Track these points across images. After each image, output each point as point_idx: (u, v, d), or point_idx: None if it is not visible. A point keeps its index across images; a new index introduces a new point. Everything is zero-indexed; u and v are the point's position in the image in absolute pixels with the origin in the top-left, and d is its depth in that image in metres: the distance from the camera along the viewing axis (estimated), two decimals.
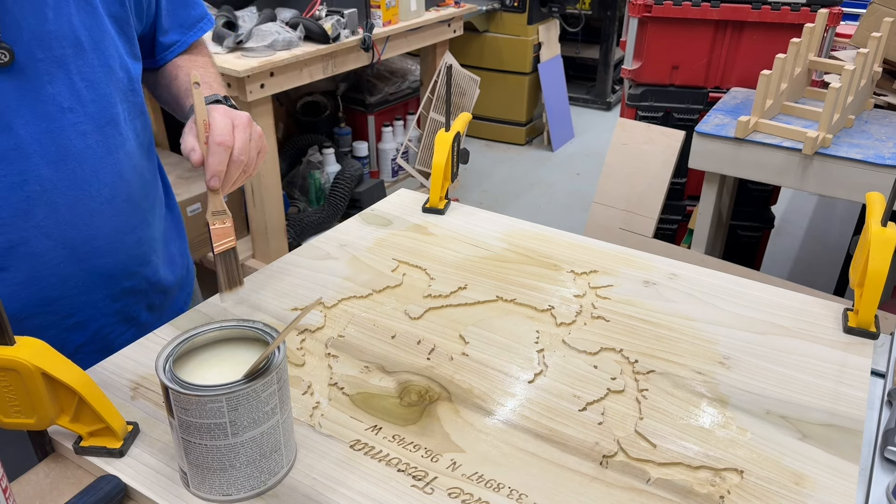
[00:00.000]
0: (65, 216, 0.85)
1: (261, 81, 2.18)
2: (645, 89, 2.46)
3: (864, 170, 1.78)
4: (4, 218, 0.81)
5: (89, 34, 0.85)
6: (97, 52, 0.86)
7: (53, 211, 0.84)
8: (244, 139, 0.84)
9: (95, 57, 0.86)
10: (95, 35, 0.86)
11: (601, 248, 1.06)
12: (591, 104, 5.01)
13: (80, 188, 0.86)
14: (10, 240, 0.82)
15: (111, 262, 0.92)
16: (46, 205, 0.83)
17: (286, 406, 0.64)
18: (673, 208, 2.55)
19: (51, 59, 0.81)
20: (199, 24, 1.07)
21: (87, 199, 0.87)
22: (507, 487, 0.65)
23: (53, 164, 0.83)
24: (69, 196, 0.85)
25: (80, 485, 0.66)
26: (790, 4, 2.22)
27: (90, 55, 0.85)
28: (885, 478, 0.70)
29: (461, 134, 1.14)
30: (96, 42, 0.86)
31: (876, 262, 0.82)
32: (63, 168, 0.84)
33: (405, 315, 0.89)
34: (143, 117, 0.98)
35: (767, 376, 0.80)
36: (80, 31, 0.84)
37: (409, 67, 3.39)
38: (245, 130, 0.84)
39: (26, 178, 0.81)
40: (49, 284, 0.87)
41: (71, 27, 0.83)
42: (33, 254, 0.84)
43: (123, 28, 0.91)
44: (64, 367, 0.64)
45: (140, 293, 0.99)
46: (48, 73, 0.81)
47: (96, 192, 0.88)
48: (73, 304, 0.90)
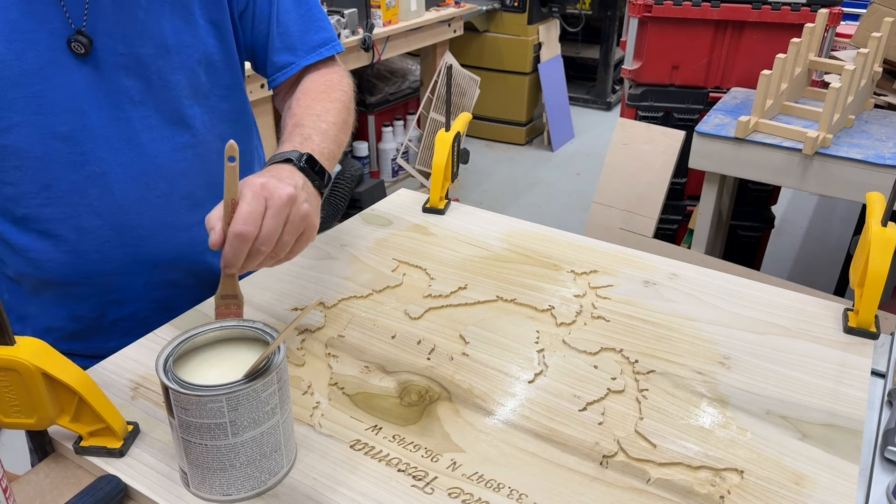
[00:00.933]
0: (118, 200, 0.90)
1: (261, 81, 2.18)
2: (645, 89, 2.46)
3: (865, 170, 1.78)
4: (63, 191, 0.88)
5: (177, 37, 0.89)
6: (181, 55, 0.89)
7: (107, 193, 0.89)
8: (273, 227, 0.71)
9: (178, 59, 0.89)
10: (184, 39, 0.89)
11: (601, 248, 1.06)
12: (592, 104, 5.01)
13: (136, 177, 0.90)
14: (64, 211, 0.89)
15: (156, 252, 0.95)
16: (102, 186, 0.89)
17: (286, 406, 0.64)
18: (673, 208, 2.55)
19: (130, 56, 0.86)
20: (320, 48, 1.02)
21: (141, 189, 0.91)
22: (507, 487, 0.65)
23: (116, 151, 0.88)
24: (124, 182, 0.90)
25: (80, 485, 0.66)
26: (790, 4, 2.22)
27: (173, 57, 0.89)
28: (886, 478, 0.70)
29: (461, 134, 1.14)
30: (183, 45, 0.89)
31: (876, 262, 0.82)
32: (124, 156, 0.89)
33: (405, 315, 0.89)
34: (238, 124, 1.00)
35: (767, 376, 0.80)
36: (168, 34, 0.88)
37: (410, 67, 3.39)
38: (278, 216, 0.71)
39: (88, 158, 0.87)
40: (93, 260, 0.92)
41: (159, 29, 0.87)
42: (82, 228, 0.90)
43: (222, 33, 0.93)
44: (64, 367, 0.64)
45: (184, 287, 0.99)
46: (125, 68, 0.86)
47: (154, 184, 0.92)
48: (114, 283, 0.95)
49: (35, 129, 0.84)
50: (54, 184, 0.87)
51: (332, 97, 0.98)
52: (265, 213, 0.70)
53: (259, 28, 0.98)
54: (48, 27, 0.82)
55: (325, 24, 1.05)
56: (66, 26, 0.82)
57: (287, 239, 0.73)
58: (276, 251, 0.73)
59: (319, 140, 0.88)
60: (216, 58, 0.94)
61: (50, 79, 0.83)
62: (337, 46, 1.05)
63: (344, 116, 0.97)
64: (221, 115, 0.97)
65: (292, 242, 0.74)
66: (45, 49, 0.82)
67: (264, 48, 1.00)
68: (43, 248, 0.91)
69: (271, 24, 0.99)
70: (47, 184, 0.87)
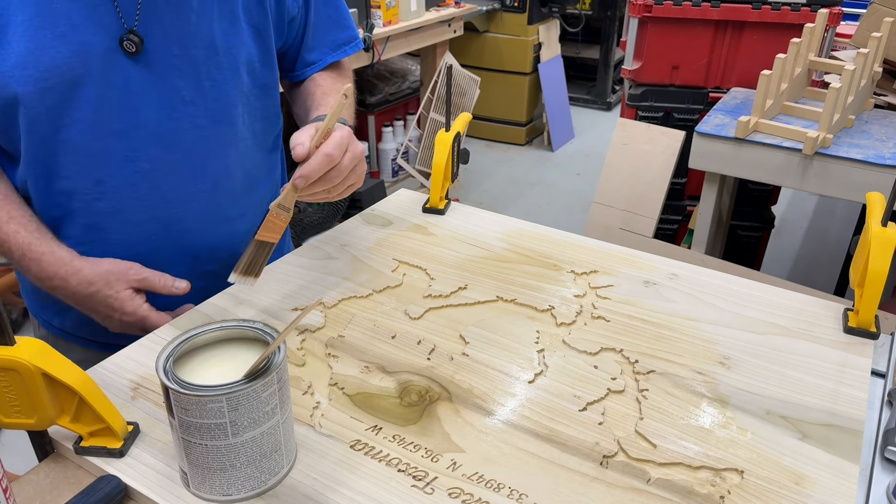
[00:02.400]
0: (165, 195, 0.94)
1: None
2: (645, 89, 2.46)
3: (865, 170, 1.78)
4: (114, 186, 0.91)
5: (225, 39, 0.92)
6: (228, 57, 0.93)
7: (156, 189, 0.93)
8: (348, 164, 0.85)
9: (226, 60, 0.93)
10: (231, 41, 0.93)
11: (601, 248, 1.06)
12: (592, 104, 5.01)
13: (184, 174, 0.94)
14: (114, 205, 0.92)
15: (199, 244, 1.00)
16: (151, 182, 0.92)
17: (286, 406, 0.64)
18: (673, 208, 2.55)
19: (184, 57, 0.90)
20: (345, 46, 1.10)
21: (188, 185, 0.95)
22: (508, 487, 0.65)
23: (166, 148, 0.92)
24: (172, 179, 0.94)
25: (81, 485, 0.66)
26: (790, 4, 2.22)
27: (221, 58, 0.92)
28: (886, 478, 0.70)
29: (461, 134, 1.14)
30: (229, 47, 0.93)
31: (876, 262, 0.82)
32: (173, 153, 0.92)
33: (405, 315, 0.89)
34: (267, 122, 1.04)
35: (767, 376, 0.80)
36: (217, 36, 0.91)
37: (410, 67, 3.39)
38: (353, 159, 0.86)
39: (139, 154, 0.90)
40: (140, 252, 0.95)
41: (209, 31, 0.91)
42: (131, 221, 0.94)
43: (262, 37, 0.98)
44: (64, 367, 0.64)
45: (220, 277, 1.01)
46: (178, 69, 0.90)
47: (200, 180, 0.96)
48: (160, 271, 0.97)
49: (94, 126, 0.87)
50: (107, 179, 0.91)
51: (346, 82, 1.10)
52: (346, 151, 0.84)
53: (297, 31, 1.05)
54: (104, 29, 0.85)
55: (350, 23, 1.12)
56: (119, 26, 0.85)
57: (348, 181, 0.88)
58: (337, 187, 0.87)
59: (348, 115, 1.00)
60: (256, 59, 0.98)
61: (108, 78, 0.86)
62: (359, 44, 1.13)
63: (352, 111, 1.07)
64: (257, 114, 1.02)
65: (346, 186, 0.88)
66: (102, 50, 0.85)
67: (297, 47, 1.07)
68: (92, 241, 0.93)
69: (307, 24, 1.05)
70: (100, 179, 0.90)
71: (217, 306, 0.91)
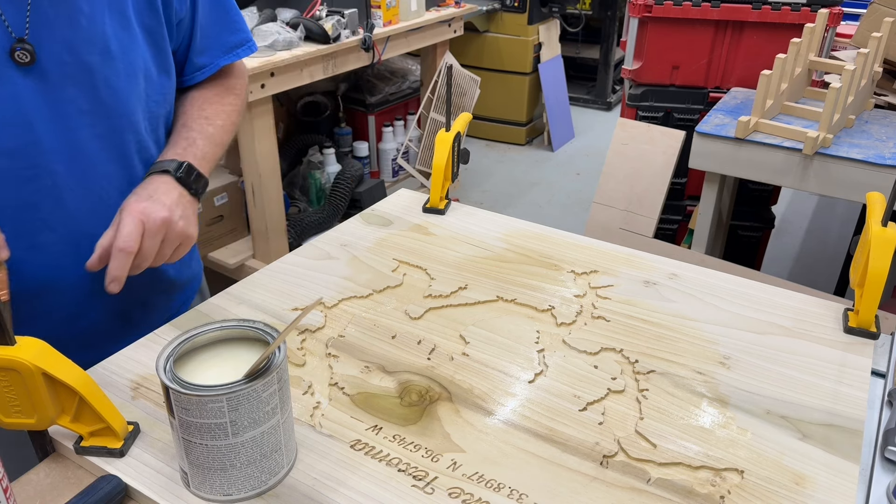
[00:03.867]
0: (71, 212, 0.88)
1: (261, 81, 2.18)
2: (645, 89, 2.46)
3: (865, 170, 1.78)
4: (12, 209, 0.84)
5: (119, 43, 0.87)
6: (124, 62, 0.88)
7: (60, 206, 0.87)
8: (151, 246, 0.82)
9: (122, 66, 0.88)
10: (125, 45, 0.88)
11: (601, 248, 1.06)
12: (592, 104, 5.01)
13: (89, 187, 0.88)
14: (15, 229, 0.84)
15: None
16: (54, 200, 0.86)
17: (287, 406, 0.64)
18: (673, 208, 2.55)
19: (77, 64, 0.84)
20: (237, 49, 1.05)
21: (94, 199, 0.89)
22: (508, 487, 0.65)
23: (66, 162, 0.86)
24: (77, 193, 0.88)
25: (81, 485, 0.66)
26: (790, 4, 2.22)
27: (117, 63, 0.87)
28: (886, 478, 0.70)
29: (461, 134, 1.14)
30: (125, 51, 0.88)
31: (876, 262, 0.82)
32: (75, 167, 0.86)
33: (405, 315, 0.89)
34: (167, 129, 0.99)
35: (767, 376, 0.80)
36: (111, 40, 0.86)
37: (410, 67, 3.39)
38: (155, 237, 0.82)
39: (38, 172, 0.84)
40: (47, 277, 0.88)
41: (103, 35, 0.85)
42: (36, 245, 0.86)
43: (156, 40, 0.93)
44: (64, 367, 0.64)
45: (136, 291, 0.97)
46: (72, 77, 0.84)
47: (106, 193, 0.90)
48: (69, 298, 0.91)
49: None
50: (4, 203, 0.83)
51: (226, 101, 1.04)
52: (143, 234, 0.81)
53: (184, 31, 0.99)
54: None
55: (242, 25, 1.07)
56: (7, 36, 0.79)
57: (165, 252, 0.85)
58: (156, 262, 0.84)
59: (203, 144, 0.96)
60: (151, 64, 0.92)
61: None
62: (252, 47, 1.08)
63: (233, 119, 1.04)
64: (160, 121, 0.97)
65: (170, 253, 0.86)
66: None
67: (186, 50, 1.00)
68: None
69: (194, 26, 0.99)
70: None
71: (217, 306, 0.91)
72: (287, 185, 2.84)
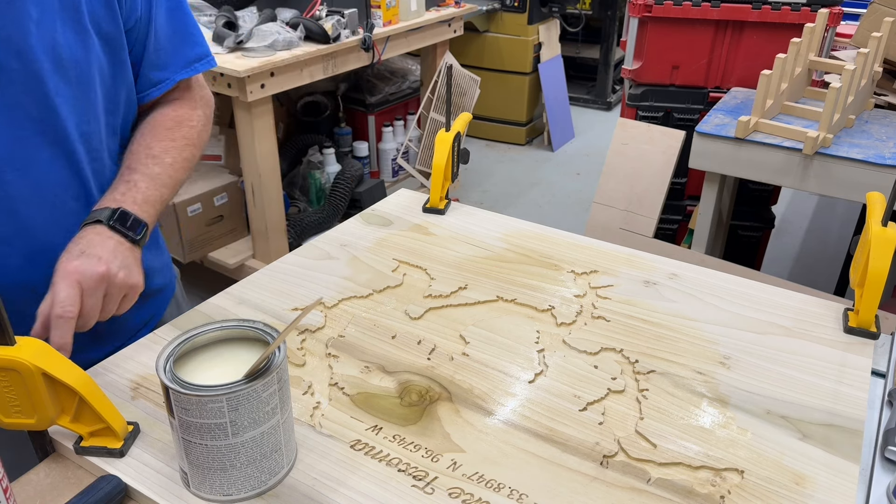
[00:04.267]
0: (25, 224, 0.85)
1: (261, 81, 2.18)
2: (645, 89, 2.46)
3: (865, 170, 1.78)
4: None
5: (70, 52, 0.84)
6: (77, 70, 0.85)
7: (13, 217, 0.84)
8: (92, 304, 0.78)
9: (74, 74, 0.84)
10: (77, 53, 0.84)
11: (601, 248, 1.06)
12: (592, 104, 5.01)
13: (43, 197, 0.86)
14: None
15: None
16: (7, 211, 0.83)
17: (287, 406, 0.64)
18: (673, 208, 2.55)
19: (26, 72, 0.80)
20: (195, 64, 1.00)
21: (49, 209, 0.86)
22: (508, 487, 0.65)
23: (18, 171, 0.83)
24: (31, 205, 0.85)
25: (81, 485, 0.66)
26: (790, 4, 2.22)
27: (69, 72, 0.84)
28: (886, 478, 0.70)
29: (461, 134, 1.14)
30: (77, 60, 0.84)
31: (876, 262, 0.82)
32: (27, 176, 0.84)
33: (405, 315, 0.89)
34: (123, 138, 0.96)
35: (767, 376, 0.80)
36: (62, 48, 0.83)
37: (410, 67, 3.39)
38: (94, 294, 0.78)
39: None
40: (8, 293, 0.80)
41: (53, 43, 0.82)
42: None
43: (114, 49, 0.89)
44: (64, 367, 0.64)
45: None
46: (22, 84, 0.80)
47: (61, 202, 0.87)
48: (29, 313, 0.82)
49: None
50: None
51: (178, 135, 0.98)
52: (81, 295, 0.77)
53: (138, 41, 0.94)
54: None
55: (200, 39, 1.02)
56: None
57: (110, 307, 0.81)
58: (103, 317, 0.80)
59: (146, 186, 0.90)
60: (107, 72, 0.89)
61: None
62: (211, 62, 1.03)
63: (185, 155, 0.97)
64: (116, 130, 0.94)
65: (116, 307, 0.81)
66: None
67: (138, 64, 0.96)
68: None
69: (148, 38, 0.94)
70: None
71: (217, 306, 0.91)
72: (287, 185, 2.84)
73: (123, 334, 0.92)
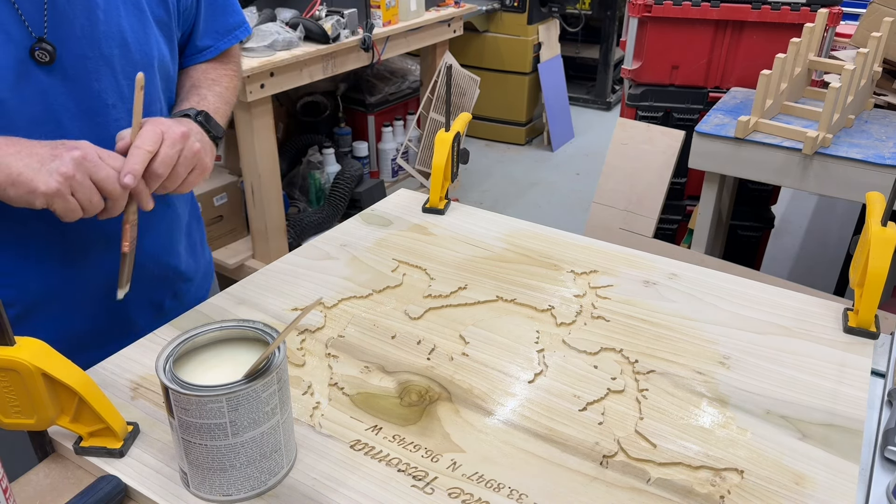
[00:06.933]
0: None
1: (261, 81, 2.18)
2: (645, 89, 2.46)
3: (864, 170, 1.78)
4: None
5: (135, 35, 0.89)
6: (141, 53, 0.90)
7: None
8: (169, 153, 0.80)
9: (139, 56, 0.90)
10: (140, 36, 0.90)
11: (601, 248, 1.06)
12: (591, 104, 5.01)
13: None
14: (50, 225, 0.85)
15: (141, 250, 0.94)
16: None
17: (286, 406, 0.64)
18: (673, 208, 2.55)
19: (98, 58, 0.86)
20: (235, 31, 1.08)
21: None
22: (507, 487, 0.65)
23: None
24: None
25: (80, 485, 0.66)
26: (790, 4, 2.22)
27: (134, 55, 0.89)
28: (885, 478, 0.70)
29: (461, 134, 1.14)
30: (140, 43, 0.90)
31: (876, 262, 0.82)
32: None
33: (405, 315, 0.89)
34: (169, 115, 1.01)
35: (767, 376, 0.80)
36: (127, 32, 0.88)
37: (409, 67, 3.39)
38: (174, 145, 0.81)
39: None
40: (82, 266, 0.91)
41: (119, 28, 0.87)
42: (68, 238, 0.89)
43: (166, 32, 0.96)
44: (64, 368, 0.64)
45: (167, 280, 1.01)
46: (95, 71, 0.86)
47: None
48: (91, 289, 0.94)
49: None
50: None
51: (228, 68, 1.08)
52: (162, 140, 0.80)
53: (189, 15, 1.02)
54: (10, 40, 0.79)
55: (237, 8, 1.10)
56: (26, 36, 0.80)
57: (181, 170, 0.83)
58: (171, 179, 0.82)
59: (214, 99, 0.99)
60: (165, 53, 0.95)
61: (21, 92, 0.81)
62: (247, 29, 1.11)
63: (235, 83, 1.08)
64: (167, 111, 0.99)
65: (185, 175, 0.84)
66: (13, 63, 0.80)
67: (189, 33, 1.04)
68: (27, 267, 0.89)
69: (199, 10, 1.02)
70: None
71: (217, 306, 0.91)
72: (287, 185, 2.84)
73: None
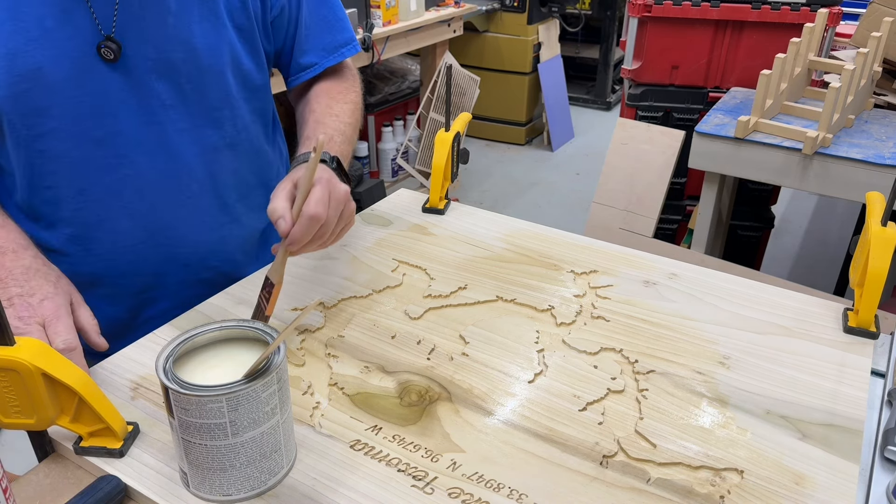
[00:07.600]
0: (150, 202, 0.93)
1: None
2: (645, 89, 2.46)
3: (864, 169, 1.78)
4: (97, 194, 0.90)
5: (206, 41, 0.90)
6: (211, 59, 0.91)
7: (141, 196, 0.92)
8: (334, 215, 0.80)
9: (207, 62, 0.91)
10: (212, 43, 0.91)
11: (601, 248, 1.06)
12: (591, 104, 5.01)
13: (169, 180, 0.93)
14: (98, 214, 0.91)
15: (189, 252, 0.98)
16: (135, 189, 0.91)
17: (286, 406, 0.64)
18: (673, 208, 2.55)
19: (161, 60, 0.88)
20: (342, 49, 1.07)
21: (174, 191, 0.94)
22: (507, 487, 0.65)
23: (148, 154, 0.90)
24: (157, 185, 0.92)
25: (80, 485, 0.66)
26: (790, 4, 2.22)
27: (202, 61, 0.90)
28: (885, 478, 0.70)
29: (461, 134, 1.14)
30: (212, 50, 0.91)
31: (876, 262, 0.82)
32: (157, 159, 0.91)
33: (405, 315, 0.89)
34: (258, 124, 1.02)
35: (767, 376, 0.80)
36: (197, 38, 0.89)
37: (409, 67, 3.39)
38: (338, 207, 0.81)
39: (122, 161, 0.89)
40: (126, 260, 0.94)
41: (189, 34, 0.89)
42: (117, 230, 0.92)
43: (248, 39, 0.96)
44: (64, 368, 0.64)
45: (214, 285, 1.01)
46: (156, 73, 0.88)
47: (185, 186, 0.94)
48: (147, 282, 0.97)
49: (71, 135, 0.86)
50: (89, 187, 0.89)
51: (348, 98, 1.05)
52: (329, 203, 0.79)
53: (288, 30, 1.01)
54: (80, 34, 0.83)
55: (346, 25, 1.08)
56: (95, 32, 0.84)
57: (339, 229, 0.83)
58: (329, 237, 0.82)
59: (340, 141, 0.96)
60: (244, 61, 0.96)
61: (83, 85, 0.84)
62: (356, 47, 1.10)
63: (357, 117, 1.05)
64: (249, 117, 1.00)
65: (339, 231, 0.84)
66: (79, 56, 0.83)
67: (290, 50, 1.03)
68: (77, 251, 0.93)
69: (299, 26, 1.02)
70: (83, 187, 0.89)
71: (217, 306, 0.91)
72: None
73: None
